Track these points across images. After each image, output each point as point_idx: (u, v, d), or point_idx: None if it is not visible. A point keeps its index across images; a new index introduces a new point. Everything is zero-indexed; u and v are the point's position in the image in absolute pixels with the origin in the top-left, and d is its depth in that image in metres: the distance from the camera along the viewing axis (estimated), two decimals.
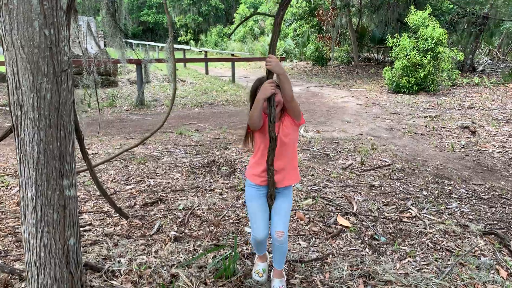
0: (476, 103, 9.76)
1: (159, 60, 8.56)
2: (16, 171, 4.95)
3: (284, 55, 21.16)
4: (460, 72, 12.89)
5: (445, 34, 11.11)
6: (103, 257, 2.97)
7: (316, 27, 19.80)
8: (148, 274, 2.76)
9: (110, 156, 5.34)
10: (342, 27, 18.99)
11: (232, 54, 18.83)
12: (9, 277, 2.72)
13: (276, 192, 2.64)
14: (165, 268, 2.84)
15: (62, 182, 2.03)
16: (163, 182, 4.65)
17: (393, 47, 11.90)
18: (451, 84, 12.06)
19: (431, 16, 11.84)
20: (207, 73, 17.49)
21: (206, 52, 21.09)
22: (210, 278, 2.75)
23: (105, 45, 20.38)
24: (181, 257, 3.01)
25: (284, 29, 25.87)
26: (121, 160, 5.39)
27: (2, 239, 3.32)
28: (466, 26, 15.47)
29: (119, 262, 2.89)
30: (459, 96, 10.80)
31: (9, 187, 4.47)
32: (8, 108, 8.98)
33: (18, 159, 2.01)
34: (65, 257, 2.09)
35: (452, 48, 12.05)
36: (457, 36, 16.41)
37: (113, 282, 2.68)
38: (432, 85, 11.32)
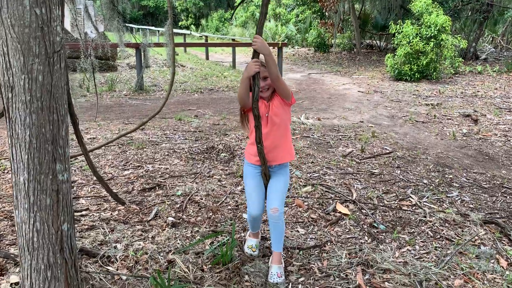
0: (478, 91, 9.67)
1: (158, 45, 8.47)
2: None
3: (285, 41, 20.94)
4: (463, 60, 12.75)
5: (448, 21, 10.96)
6: (99, 243, 2.94)
7: (319, 13, 19.58)
8: (144, 260, 2.73)
9: (107, 140, 5.29)
10: (344, 13, 18.77)
11: (233, 39, 18.66)
12: (4, 262, 2.69)
13: (271, 171, 2.71)
14: (161, 254, 2.81)
15: (55, 166, 1.98)
16: (161, 167, 4.61)
17: (396, 34, 11.76)
18: (453, 72, 11.95)
19: (435, 3, 11.68)
20: (207, 58, 17.34)
21: (206, 37, 20.90)
22: (207, 264, 2.72)
23: (105, 30, 20.18)
24: (178, 243, 2.98)
25: (286, 15, 25.61)
26: (119, 145, 5.34)
27: None
28: (470, 13, 15.28)
29: (115, 247, 2.86)
30: (461, 84, 10.70)
31: (5, 171, 4.43)
32: None
33: (9, 142, 1.96)
34: (58, 242, 2.05)
35: (456, 36, 11.89)
36: (460, 23, 16.22)
37: (108, 267, 2.65)
38: (434, 73, 11.21)
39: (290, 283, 2.57)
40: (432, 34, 10.89)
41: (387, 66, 11.87)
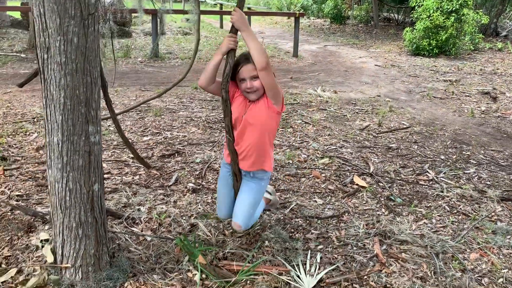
0: (498, 69, 9.50)
1: (176, 11, 8.37)
2: (34, 118, 4.98)
3: (302, 11, 20.56)
4: (483, 36, 12.46)
5: None
6: (123, 205, 3.02)
7: None
8: (167, 222, 2.81)
9: (132, 105, 5.34)
10: None
11: (249, 8, 18.35)
12: (33, 220, 2.79)
13: (244, 175, 2.45)
14: (184, 218, 2.89)
15: (87, 128, 2.02)
16: (179, 135, 4.65)
17: (416, 7, 11.48)
18: (473, 49, 11.70)
19: None
20: (221, 27, 17.13)
21: (221, 5, 20.57)
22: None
23: None
24: (200, 208, 3.05)
25: None
26: (137, 112, 5.38)
27: (24, 183, 3.38)
28: None
29: (139, 210, 2.94)
30: (480, 61, 10.50)
31: (27, 133, 4.51)
32: (23, 55, 8.95)
33: (44, 103, 2.00)
34: (89, 202, 2.12)
35: (477, 11, 11.58)
36: None
37: (133, 229, 2.73)
38: (453, 49, 10.99)
39: (310, 250, 2.63)
40: (454, 8, 10.62)
41: (405, 40, 11.65)
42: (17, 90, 6.21)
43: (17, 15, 12.20)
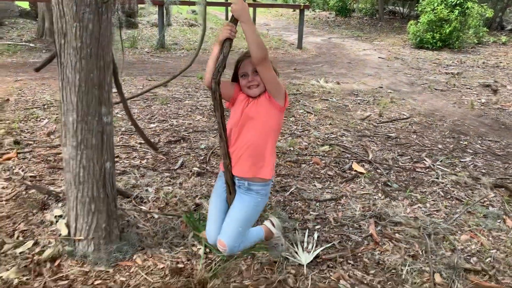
0: (501, 62, 9.56)
1: (184, 2, 8.48)
2: (45, 104, 5.14)
3: (307, 4, 20.59)
4: (487, 30, 12.49)
5: None
6: (131, 186, 3.18)
7: None
8: (174, 202, 2.97)
9: (142, 90, 5.48)
10: None
11: (254, 0, 18.40)
12: (46, 198, 2.95)
13: (238, 187, 2.18)
14: (189, 198, 3.04)
15: (100, 109, 2.17)
16: (185, 122, 4.80)
17: (420, 0, 11.52)
18: (476, 42, 11.74)
19: None
20: (227, 18, 17.20)
21: None
22: None
23: None
24: (204, 190, 3.20)
25: None
26: (144, 100, 5.53)
27: (36, 165, 3.55)
28: None
29: (146, 190, 3.10)
30: (483, 55, 10.56)
31: (38, 119, 4.67)
32: (31, 45, 9.10)
33: (60, 85, 2.14)
34: (102, 178, 2.27)
35: (482, 5, 11.61)
36: None
37: (141, 207, 2.89)
38: (457, 42, 11.05)
39: (308, 230, 2.78)
40: (458, 2, 10.67)
41: (409, 33, 11.71)
42: (27, 78, 6.38)
43: (25, 5, 12.36)
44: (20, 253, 2.37)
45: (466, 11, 10.77)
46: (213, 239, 2.16)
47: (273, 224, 2.45)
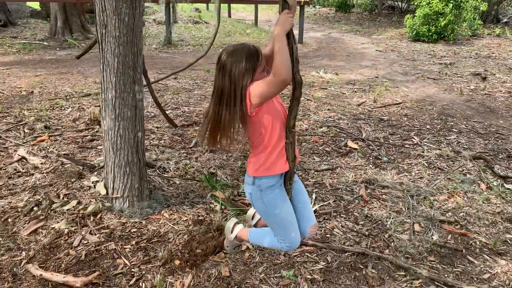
0: (493, 53, 9.97)
1: (195, 1, 8.86)
2: (66, 96, 5.62)
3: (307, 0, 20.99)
4: (482, 22, 12.88)
5: None
6: (153, 159, 3.66)
7: None
8: (192, 171, 3.44)
9: (165, 75, 5.95)
10: None
11: None
12: (82, 169, 3.42)
13: (295, 174, 2.04)
14: (204, 169, 3.51)
15: (134, 87, 2.64)
16: (196, 109, 5.27)
17: None
18: (471, 34, 12.15)
19: None
20: (229, 16, 17.65)
21: None
22: (240, 177, 3.41)
23: None
24: (217, 163, 3.68)
25: None
26: (157, 91, 6.00)
27: (67, 146, 4.02)
28: None
29: (167, 162, 3.57)
30: (477, 46, 10.97)
31: (63, 108, 5.15)
32: (45, 43, 9.59)
33: (101, 68, 2.62)
34: (135, 145, 2.74)
35: None
36: None
37: (164, 175, 3.36)
38: (451, 34, 11.45)
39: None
40: None
41: (406, 27, 12.13)
42: (46, 73, 6.86)
43: (36, 5, 12.84)
44: (67, 210, 2.85)
45: (461, 4, 11.17)
46: (300, 237, 2.04)
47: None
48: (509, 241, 2.78)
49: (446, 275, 2.43)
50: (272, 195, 1.93)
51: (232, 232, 2.32)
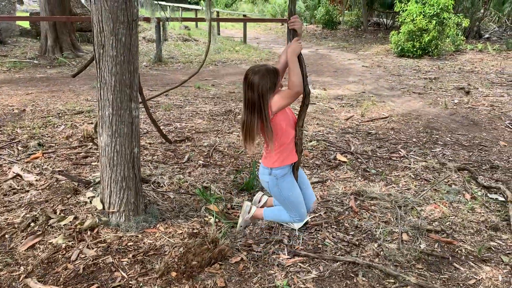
0: (476, 67, 10.27)
1: (184, 19, 9.03)
2: (59, 113, 5.68)
3: None
4: (465, 38, 13.26)
5: (451, 0, 11.47)
6: (147, 175, 3.72)
7: None
8: (186, 186, 3.51)
9: (160, 92, 6.03)
10: None
11: (244, 15, 19.15)
12: (77, 185, 3.48)
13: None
14: (198, 183, 3.59)
15: (131, 104, 2.73)
16: (188, 125, 5.36)
17: (401, 12, 12.28)
18: (454, 50, 12.49)
19: None
20: (218, 33, 17.88)
21: (218, 12, 21.37)
22: (233, 191, 3.49)
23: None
24: (210, 177, 3.76)
25: None
26: (149, 107, 6.07)
27: (61, 163, 4.07)
28: None
29: (161, 177, 3.65)
30: (460, 61, 11.29)
31: (55, 126, 5.20)
32: (35, 61, 9.64)
33: (98, 86, 2.71)
34: (131, 161, 2.82)
35: (458, 14, 12.39)
36: (468, 2, 16.60)
37: (159, 190, 3.43)
38: (435, 50, 11.77)
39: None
40: (435, 13, 11.42)
41: (391, 43, 12.44)
42: (37, 91, 6.91)
43: (26, 24, 12.90)
44: (64, 225, 2.90)
45: (444, 21, 11.52)
46: (306, 214, 2.70)
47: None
48: (493, 248, 2.89)
49: (433, 282, 2.53)
50: (286, 181, 2.51)
51: (249, 213, 2.83)
